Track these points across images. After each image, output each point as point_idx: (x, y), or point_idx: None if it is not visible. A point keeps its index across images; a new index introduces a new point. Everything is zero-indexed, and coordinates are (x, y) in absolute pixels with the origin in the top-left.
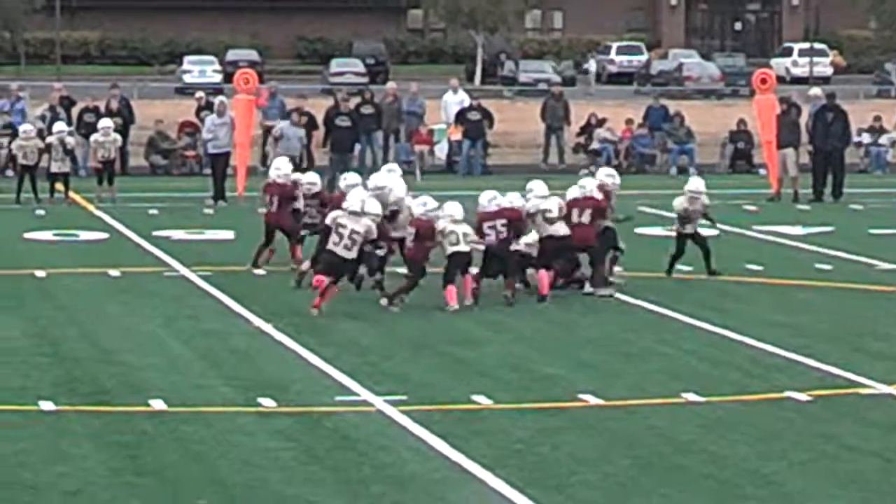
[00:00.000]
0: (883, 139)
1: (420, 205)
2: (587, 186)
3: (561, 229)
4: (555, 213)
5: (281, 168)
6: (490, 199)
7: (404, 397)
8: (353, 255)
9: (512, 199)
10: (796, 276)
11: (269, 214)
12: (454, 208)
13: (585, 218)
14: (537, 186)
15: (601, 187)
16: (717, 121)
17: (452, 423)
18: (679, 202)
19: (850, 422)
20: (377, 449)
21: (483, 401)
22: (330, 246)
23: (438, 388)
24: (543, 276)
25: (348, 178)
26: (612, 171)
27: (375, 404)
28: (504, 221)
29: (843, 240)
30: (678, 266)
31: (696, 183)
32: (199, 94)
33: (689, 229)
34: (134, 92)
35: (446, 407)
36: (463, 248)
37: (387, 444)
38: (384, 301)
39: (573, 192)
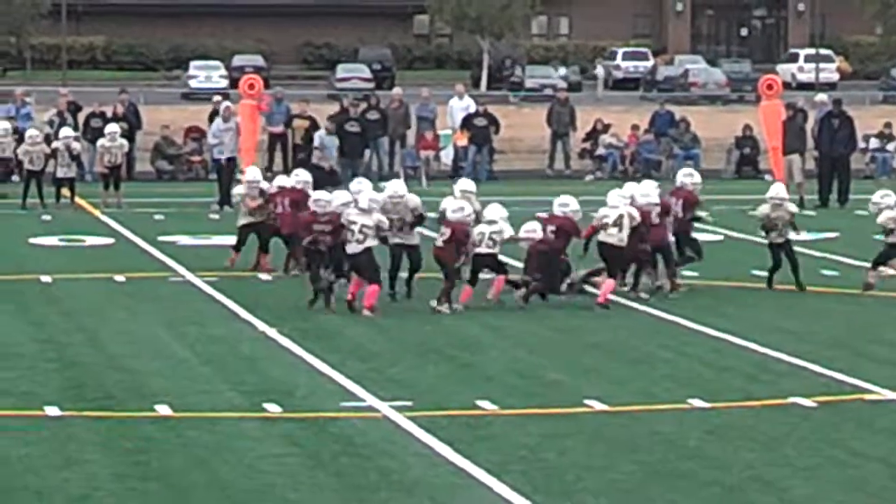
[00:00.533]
0: (890, 146)
1: (457, 209)
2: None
3: (610, 238)
4: (609, 220)
5: (299, 175)
6: (560, 205)
7: (410, 403)
8: (364, 246)
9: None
10: (801, 281)
11: (283, 216)
12: (492, 210)
13: (654, 218)
14: (610, 196)
15: (681, 188)
16: (723, 126)
17: (458, 429)
18: (762, 209)
19: (856, 428)
20: (382, 455)
21: (489, 407)
22: (347, 249)
23: (444, 393)
24: (609, 284)
25: (360, 184)
26: (689, 170)
27: (381, 410)
28: (553, 228)
29: (849, 246)
30: (684, 272)
31: (776, 189)
32: (217, 97)
33: (777, 238)
34: (140, 97)
35: (452, 413)
36: (482, 249)
37: (392, 449)
38: (433, 302)
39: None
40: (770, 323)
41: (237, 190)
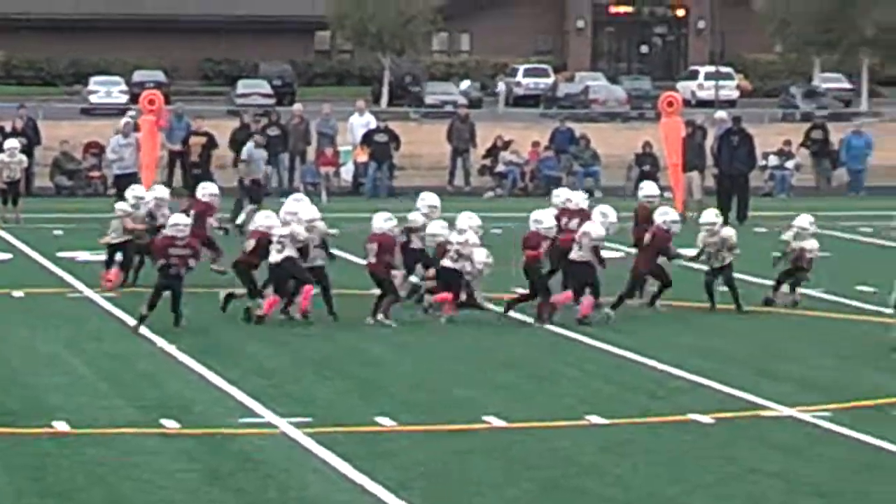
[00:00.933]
0: (788, 163)
1: (385, 220)
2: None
3: (574, 254)
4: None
5: (207, 188)
6: (534, 221)
7: (309, 419)
8: (283, 255)
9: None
10: (701, 298)
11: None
12: (462, 219)
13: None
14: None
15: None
16: (623, 143)
17: (357, 446)
18: (699, 236)
19: (753, 444)
20: (281, 471)
21: (388, 423)
22: (270, 259)
23: (343, 409)
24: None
25: (299, 202)
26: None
27: (279, 426)
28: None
29: (748, 262)
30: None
31: (707, 216)
32: (132, 113)
33: (716, 263)
34: (39, 112)
35: (351, 429)
36: (447, 262)
37: (291, 466)
38: (369, 320)
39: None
40: (670, 340)
41: (120, 206)
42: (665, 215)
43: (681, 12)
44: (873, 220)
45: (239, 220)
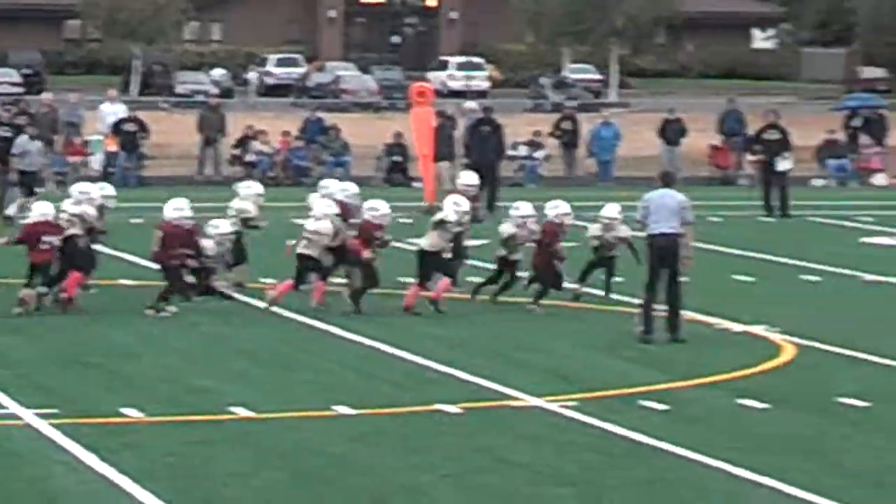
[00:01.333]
0: (538, 153)
1: (174, 208)
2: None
3: (421, 242)
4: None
5: None
6: (369, 209)
7: (54, 410)
8: (70, 231)
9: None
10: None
11: None
12: (317, 206)
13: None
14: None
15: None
16: (374, 133)
17: (102, 436)
18: (504, 228)
19: (501, 434)
20: (27, 463)
21: (134, 414)
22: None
23: (89, 400)
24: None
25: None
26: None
27: (25, 417)
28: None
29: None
30: (334, 279)
31: (524, 209)
32: None
33: (511, 255)
34: None
35: (96, 420)
36: (300, 249)
37: (36, 457)
38: (150, 312)
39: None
40: (421, 331)
41: None
42: (556, 209)
43: (432, 2)
44: (621, 210)
45: (10, 212)
